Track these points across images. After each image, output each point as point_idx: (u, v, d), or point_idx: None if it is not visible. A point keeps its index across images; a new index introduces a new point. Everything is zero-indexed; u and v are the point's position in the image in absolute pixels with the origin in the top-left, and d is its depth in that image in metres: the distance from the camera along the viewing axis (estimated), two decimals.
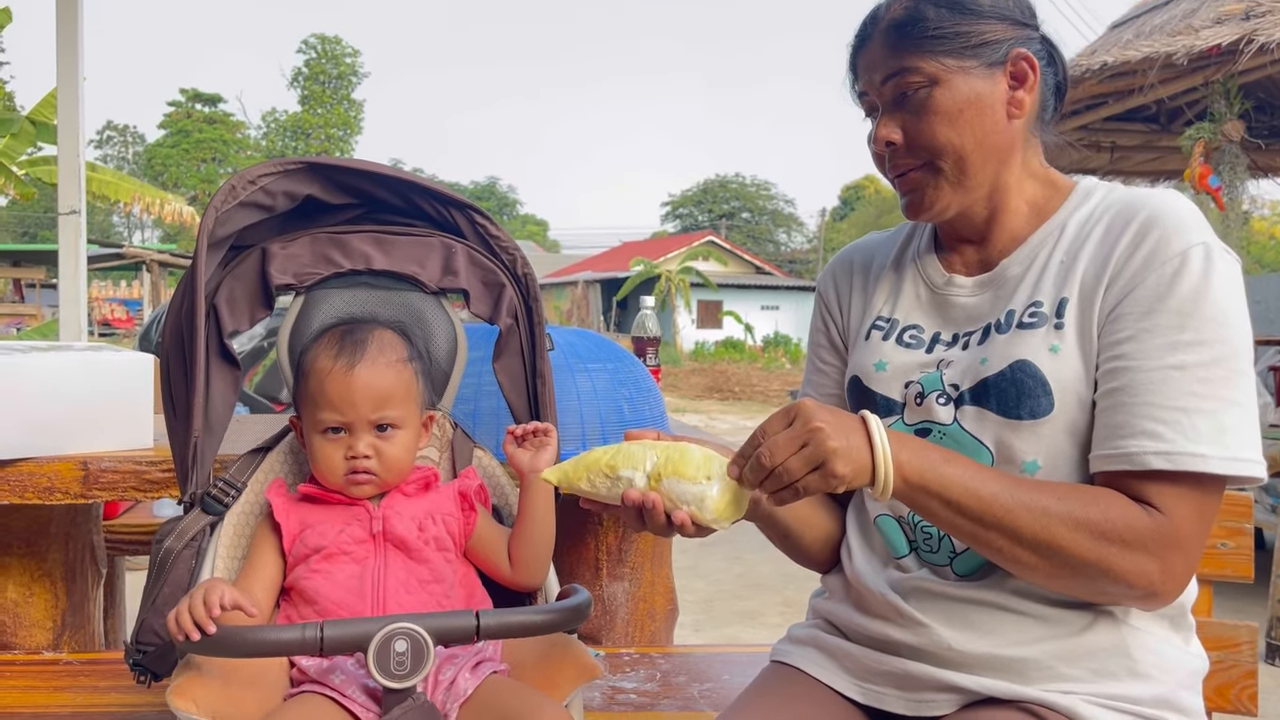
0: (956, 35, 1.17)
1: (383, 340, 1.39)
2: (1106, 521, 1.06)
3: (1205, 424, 1.06)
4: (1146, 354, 1.09)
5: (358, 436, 1.33)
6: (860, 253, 1.43)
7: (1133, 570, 1.06)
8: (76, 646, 2.21)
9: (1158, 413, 1.07)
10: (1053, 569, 1.08)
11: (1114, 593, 1.10)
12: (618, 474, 1.12)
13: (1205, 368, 1.07)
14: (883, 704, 1.22)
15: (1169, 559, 1.06)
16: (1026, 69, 1.20)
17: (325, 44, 54.61)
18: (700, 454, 1.12)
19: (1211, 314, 1.08)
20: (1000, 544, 1.08)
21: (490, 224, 1.57)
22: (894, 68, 1.20)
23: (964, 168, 1.19)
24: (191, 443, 1.36)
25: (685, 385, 20.03)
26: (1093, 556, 1.06)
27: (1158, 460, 1.06)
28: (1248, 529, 1.39)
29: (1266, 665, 4.01)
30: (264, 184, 1.41)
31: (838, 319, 1.41)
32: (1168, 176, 6.49)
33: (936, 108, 1.18)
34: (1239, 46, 3.86)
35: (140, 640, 1.30)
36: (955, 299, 1.26)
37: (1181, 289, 1.08)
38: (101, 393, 2.00)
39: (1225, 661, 1.38)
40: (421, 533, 1.35)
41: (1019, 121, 1.21)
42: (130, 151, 56.89)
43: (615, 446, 1.16)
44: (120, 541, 2.78)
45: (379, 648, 1.11)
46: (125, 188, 12.21)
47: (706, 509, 1.09)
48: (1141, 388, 1.08)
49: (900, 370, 1.26)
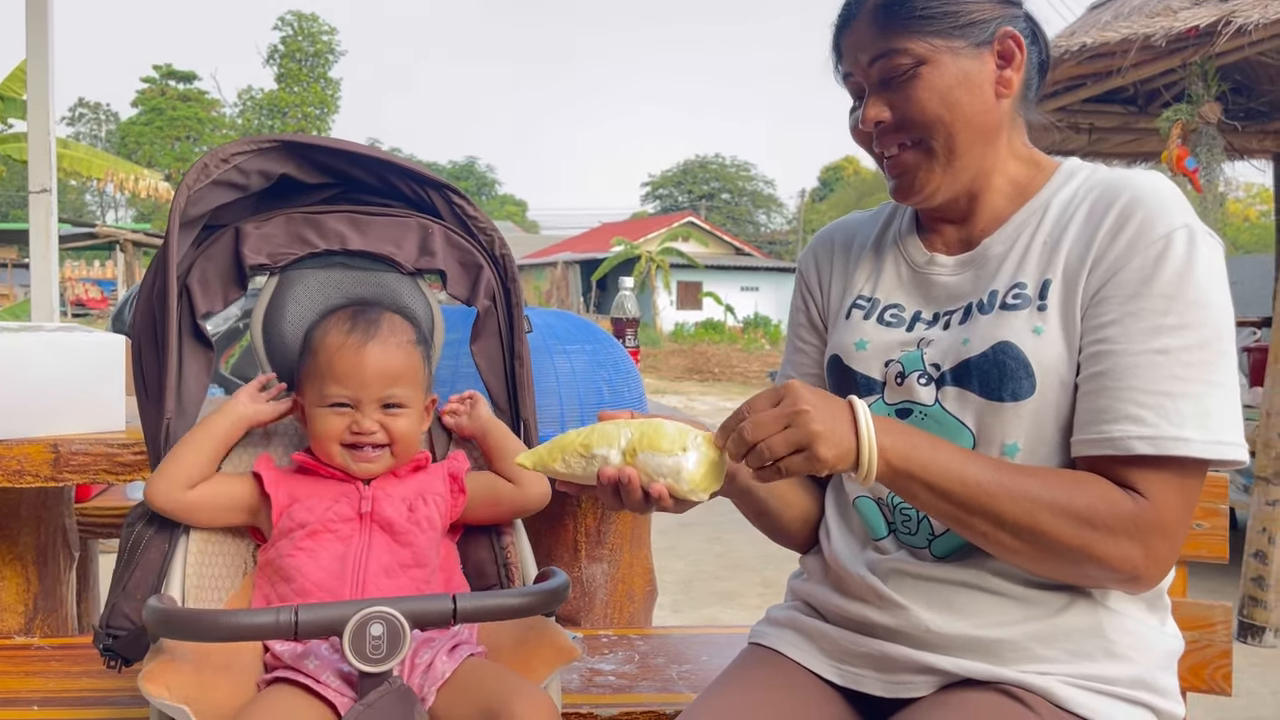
0: (944, 15, 1.17)
1: (394, 321, 1.39)
2: (1090, 507, 1.06)
3: (1189, 408, 1.06)
4: (1130, 338, 1.08)
5: (364, 413, 1.33)
6: (841, 232, 1.42)
7: (1116, 555, 1.06)
8: (49, 631, 2.19)
9: (1141, 397, 1.07)
10: (1036, 553, 1.08)
11: (1098, 576, 1.10)
12: (592, 452, 1.12)
13: (1189, 351, 1.07)
14: (860, 685, 1.22)
15: (1153, 543, 1.07)
16: (1013, 47, 1.19)
17: (302, 21, 54.01)
18: (674, 427, 1.11)
19: (1195, 298, 1.08)
20: (984, 529, 1.08)
21: (467, 204, 1.55)
22: (882, 48, 1.18)
23: (953, 147, 1.19)
24: (164, 424, 1.35)
25: (665, 366, 20.04)
26: (1076, 541, 1.06)
27: (1141, 445, 1.06)
28: (1223, 509, 1.40)
29: (1240, 644, 4.06)
30: (238, 162, 1.39)
31: (818, 298, 1.40)
32: (1146, 158, 6.51)
33: (926, 86, 1.17)
34: (1217, 28, 3.87)
35: (111, 625, 1.28)
36: (936, 278, 1.26)
37: (1165, 273, 1.08)
38: (72, 374, 1.97)
39: (1200, 641, 1.39)
40: (412, 513, 1.35)
41: (1006, 101, 1.20)
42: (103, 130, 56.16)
43: (589, 427, 1.15)
44: (93, 524, 2.75)
45: (354, 631, 1.10)
46: (98, 164, 12.03)
47: (683, 479, 1.09)
48: (1125, 372, 1.08)
49: (880, 349, 1.26)
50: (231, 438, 1.39)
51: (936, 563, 1.19)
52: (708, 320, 29.60)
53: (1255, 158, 6.39)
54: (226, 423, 1.38)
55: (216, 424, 1.37)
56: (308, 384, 1.37)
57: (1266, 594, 4.04)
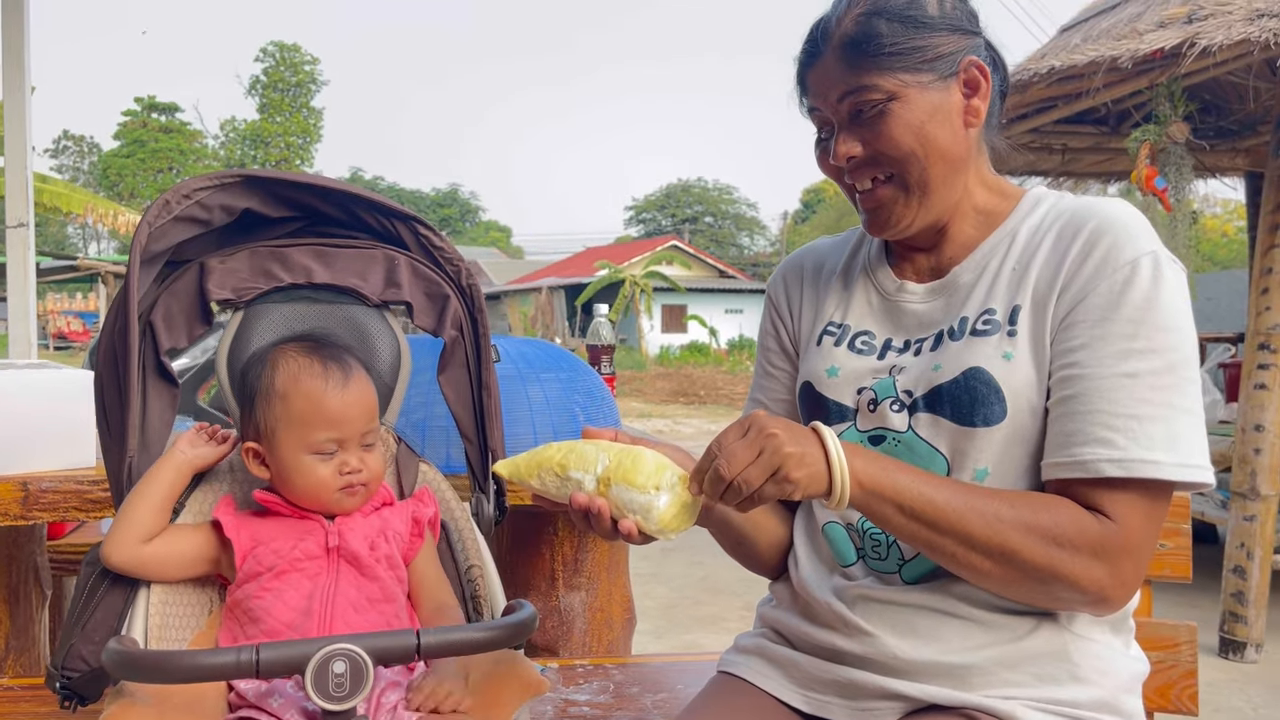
0: (912, 50, 1.17)
1: (350, 354, 1.38)
2: (1057, 527, 1.07)
3: (1158, 431, 1.07)
4: (1099, 362, 1.10)
5: (350, 451, 1.32)
6: (811, 257, 1.43)
7: (1084, 576, 1.07)
8: (20, 670, 2.17)
9: (1111, 420, 1.08)
10: (1005, 574, 1.09)
11: (1066, 598, 1.10)
12: (568, 474, 1.12)
13: (1156, 375, 1.08)
14: (827, 713, 1.22)
15: (1119, 565, 1.07)
16: (979, 76, 1.20)
17: (284, 51, 54.16)
18: (652, 463, 1.11)
19: (1161, 322, 1.09)
20: (954, 550, 1.09)
21: (434, 235, 1.55)
22: (851, 85, 1.19)
23: (927, 180, 1.19)
24: (126, 463, 1.33)
25: (650, 390, 20.03)
26: (1044, 561, 1.06)
27: (1110, 467, 1.07)
28: (1185, 530, 1.41)
29: (1221, 659, 4.07)
30: (199, 198, 1.39)
31: (788, 323, 1.41)
32: (1118, 177, 6.57)
33: (898, 122, 1.18)
34: (1182, 50, 3.93)
35: (67, 666, 1.26)
36: (907, 305, 1.27)
37: (1133, 297, 1.10)
38: (41, 411, 1.96)
39: (1166, 662, 1.39)
40: (373, 550, 1.34)
41: (974, 130, 1.22)
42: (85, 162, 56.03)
43: (570, 444, 1.15)
44: (66, 562, 2.72)
45: (317, 669, 1.09)
46: (78, 199, 12.03)
47: (652, 519, 1.09)
48: (1094, 395, 1.09)
49: (852, 376, 1.26)
50: (178, 485, 1.36)
51: (904, 588, 1.19)
52: (692, 343, 29.65)
53: (1227, 175, 6.46)
54: (169, 471, 1.35)
55: (160, 474, 1.34)
56: (281, 431, 1.31)
57: (1246, 609, 4.06)
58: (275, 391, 1.33)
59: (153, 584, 1.31)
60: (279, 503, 1.34)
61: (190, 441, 1.39)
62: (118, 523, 1.31)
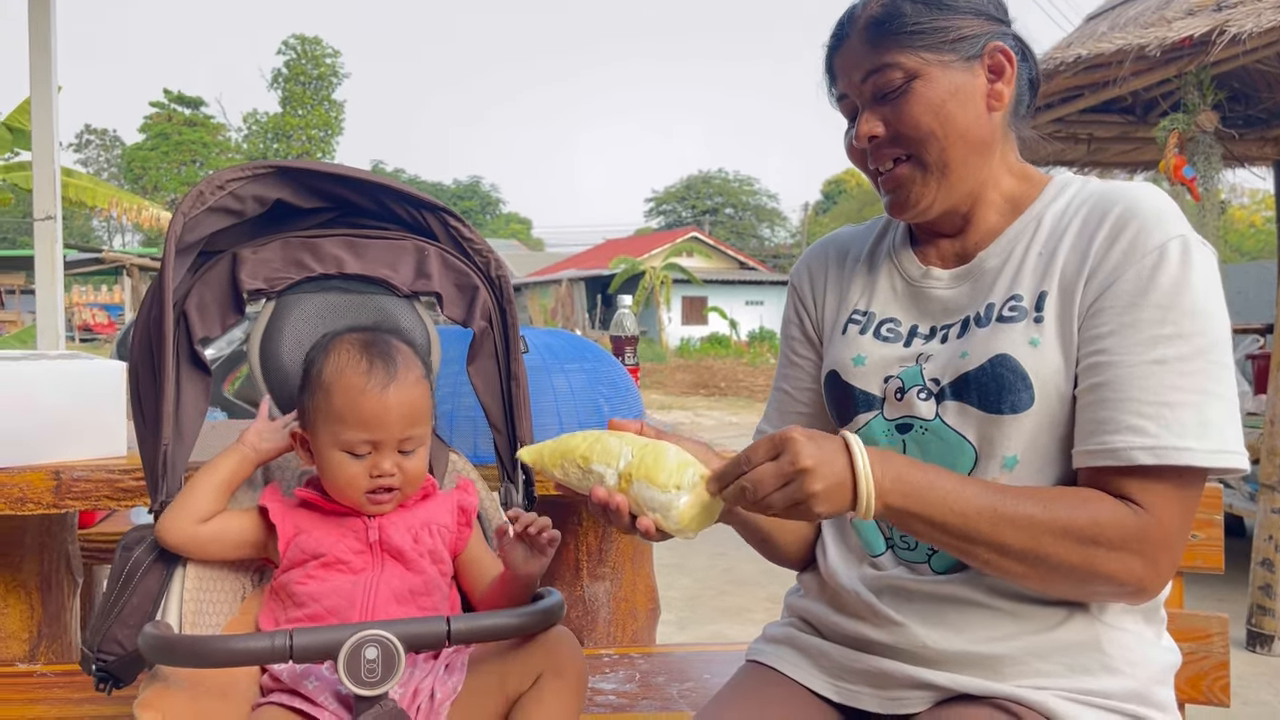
0: (935, 30, 1.18)
1: (406, 356, 1.35)
2: (1095, 525, 1.06)
3: (1189, 417, 1.06)
4: (1128, 349, 1.09)
5: (384, 455, 1.30)
6: (835, 246, 1.42)
7: (1121, 570, 1.06)
8: (53, 657, 2.19)
9: (1141, 408, 1.07)
10: (1041, 576, 1.09)
11: (1103, 593, 1.11)
12: (590, 466, 1.12)
13: (1186, 361, 1.07)
14: (857, 702, 1.22)
15: (1155, 555, 1.07)
16: (1004, 61, 1.20)
17: (305, 45, 54.35)
18: (675, 460, 1.10)
19: (1191, 307, 1.08)
20: (987, 556, 1.08)
21: (463, 226, 1.56)
22: (874, 64, 1.19)
23: (947, 160, 1.19)
24: (161, 451, 1.35)
25: (671, 382, 20.02)
26: (1080, 561, 1.06)
27: (1143, 455, 1.06)
28: (1218, 520, 1.40)
29: (1248, 652, 4.04)
30: (233, 189, 1.40)
31: (812, 312, 1.41)
32: (1145, 167, 6.51)
33: (919, 100, 1.18)
34: (1211, 38, 3.88)
35: (102, 649, 1.28)
36: (932, 291, 1.26)
37: (1161, 283, 1.09)
38: (73, 401, 1.98)
39: (1197, 653, 1.39)
40: (416, 544, 1.34)
41: (998, 114, 1.21)
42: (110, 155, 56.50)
43: (595, 434, 1.14)
44: (97, 550, 2.75)
45: (349, 655, 1.10)
46: (102, 193, 12.12)
47: (672, 519, 1.08)
48: (1124, 383, 1.08)
49: (879, 364, 1.26)
50: (240, 474, 1.38)
51: (934, 578, 1.19)
52: (713, 335, 29.59)
53: (1256, 164, 6.38)
54: (234, 461, 1.37)
55: (224, 462, 1.37)
56: (322, 423, 1.32)
57: (1274, 602, 4.02)
58: (321, 382, 1.33)
59: (188, 570, 1.33)
60: (318, 499, 1.35)
61: (259, 435, 1.40)
62: (176, 504, 1.33)
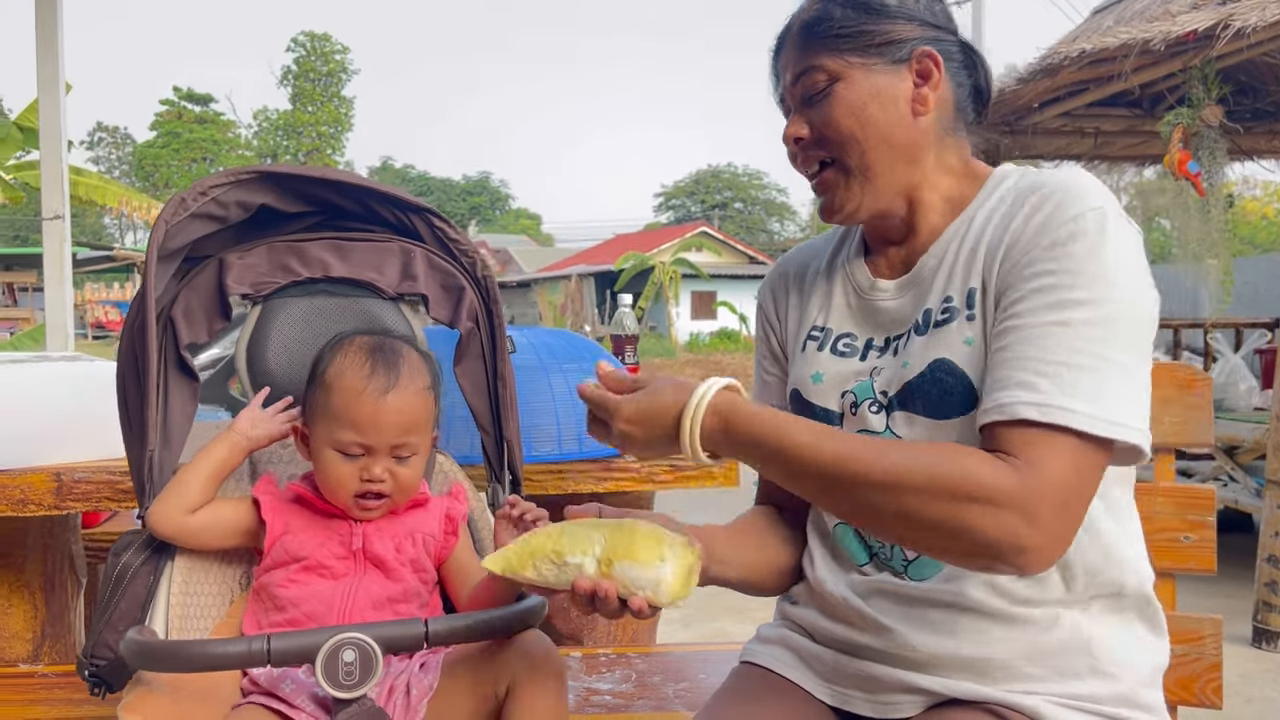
0: (861, 33, 1.18)
1: (413, 365, 1.35)
2: (965, 480, 0.99)
3: (1085, 380, 1.02)
4: (1033, 311, 1.06)
5: (376, 460, 1.30)
6: (795, 261, 1.41)
7: (993, 526, 0.99)
8: (57, 658, 2.21)
9: (1038, 365, 1.03)
10: (910, 531, 1.03)
11: (981, 553, 1.02)
12: (565, 560, 1.08)
13: (1091, 326, 1.03)
14: (849, 705, 1.22)
15: (1035, 514, 0.99)
16: (931, 66, 1.19)
17: (315, 41, 54.49)
18: (649, 533, 1.09)
19: (1103, 274, 1.04)
20: (850, 509, 1.06)
21: (449, 227, 1.56)
22: (803, 66, 1.21)
23: (868, 163, 1.19)
24: (147, 457, 1.36)
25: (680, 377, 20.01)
26: (947, 516, 1.00)
27: (1030, 410, 1.02)
28: (1210, 522, 1.39)
29: (1254, 649, 4.02)
30: (215, 195, 1.40)
31: (778, 330, 1.40)
32: (1152, 161, 6.47)
33: (839, 102, 1.18)
34: (1215, 31, 3.85)
35: (95, 655, 1.29)
36: (880, 303, 1.25)
37: (1074, 250, 1.06)
38: (75, 403, 2.00)
39: (1190, 655, 1.38)
40: (399, 553, 1.35)
41: (926, 119, 1.19)
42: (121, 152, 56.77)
43: (555, 528, 1.12)
44: (101, 550, 2.76)
45: (327, 658, 1.11)
46: (112, 192, 12.21)
47: (663, 592, 1.06)
48: (1024, 343, 1.05)
49: (836, 380, 1.25)
50: (231, 462, 1.39)
51: (917, 583, 1.18)
52: (722, 330, 29.57)
53: (1264, 158, 6.34)
54: (225, 449, 1.38)
55: (215, 451, 1.37)
56: (319, 420, 1.33)
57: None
58: (324, 380, 1.34)
59: (176, 575, 1.34)
60: (310, 495, 1.36)
61: (251, 422, 1.40)
62: (166, 493, 1.34)
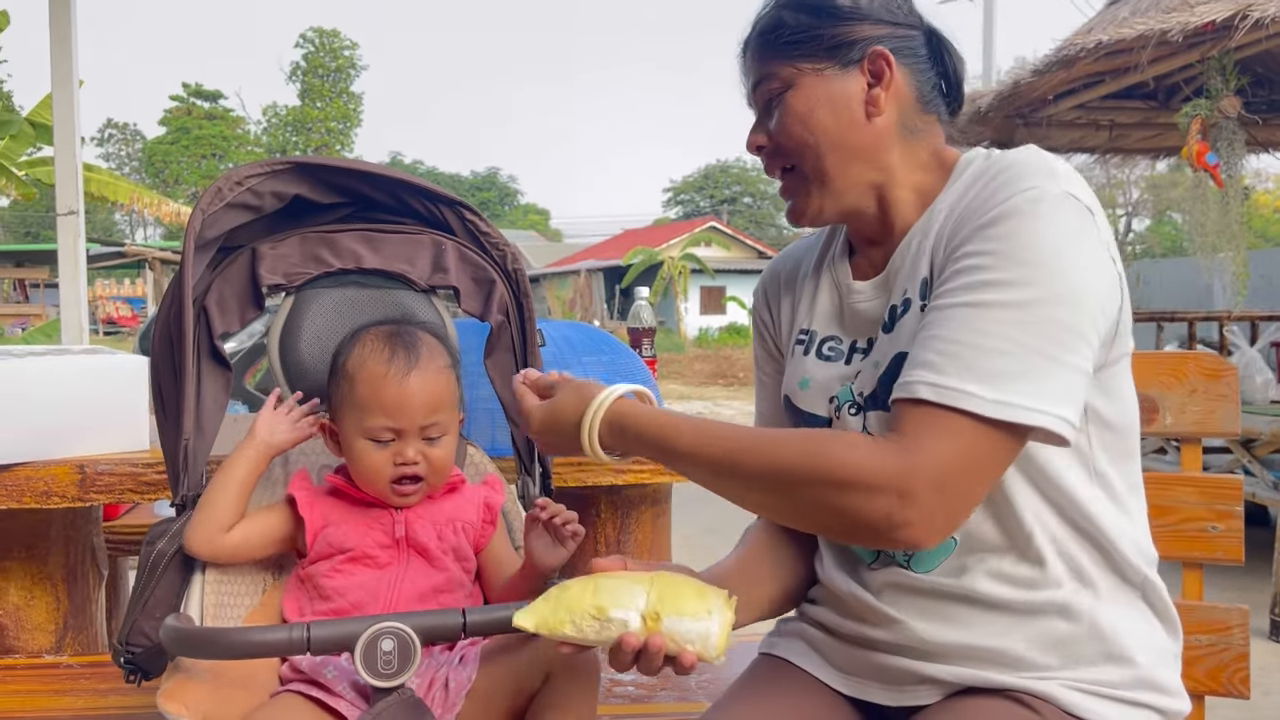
0: (812, 39, 1.17)
1: (431, 345, 1.36)
2: (835, 466, 1.00)
3: (990, 364, 0.99)
4: (951, 292, 1.04)
5: (407, 443, 1.31)
6: (787, 262, 1.41)
7: (868, 508, 0.99)
8: (79, 649, 2.22)
9: (943, 345, 1.02)
10: (794, 517, 1.08)
11: (862, 534, 1.03)
12: (608, 616, 1.04)
13: (1005, 309, 1.00)
14: (867, 695, 1.22)
15: (908, 490, 0.98)
16: (883, 66, 1.17)
17: (323, 37, 54.51)
18: (691, 585, 1.07)
19: (1027, 257, 1.01)
20: (741, 497, 1.09)
21: (480, 220, 1.57)
22: (759, 75, 1.21)
23: (823, 169, 1.18)
24: (182, 445, 1.37)
25: (690, 372, 20.01)
26: (822, 501, 1.01)
27: (925, 390, 1.01)
28: (1238, 511, 1.38)
29: (1271, 642, 4.01)
30: (251, 185, 1.41)
31: (772, 332, 1.40)
32: (1168, 153, 6.46)
33: (790, 111, 1.18)
34: (1234, 22, 3.83)
35: (130, 642, 1.30)
36: (859, 306, 1.24)
37: (1001, 230, 1.03)
38: (97, 395, 2.00)
39: (1217, 645, 1.38)
40: (440, 541, 1.36)
41: (881, 119, 1.18)
42: (131, 149, 56.89)
43: (590, 582, 1.08)
44: (121, 542, 2.78)
45: (365, 647, 1.11)
46: (123, 188, 12.26)
47: (711, 646, 1.04)
48: (937, 323, 1.04)
49: (823, 386, 1.24)
50: (256, 471, 1.37)
51: (925, 575, 1.18)
52: (731, 325, 29.54)
53: None
54: (248, 459, 1.36)
55: (238, 462, 1.35)
56: (346, 412, 1.34)
57: None
58: (345, 372, 1.34)
59: (209, 563, 1.35)
60: (347, 486, 1.36)
61: (268, 427, 1.39)
62: (199, 514, 1.33)
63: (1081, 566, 1.13)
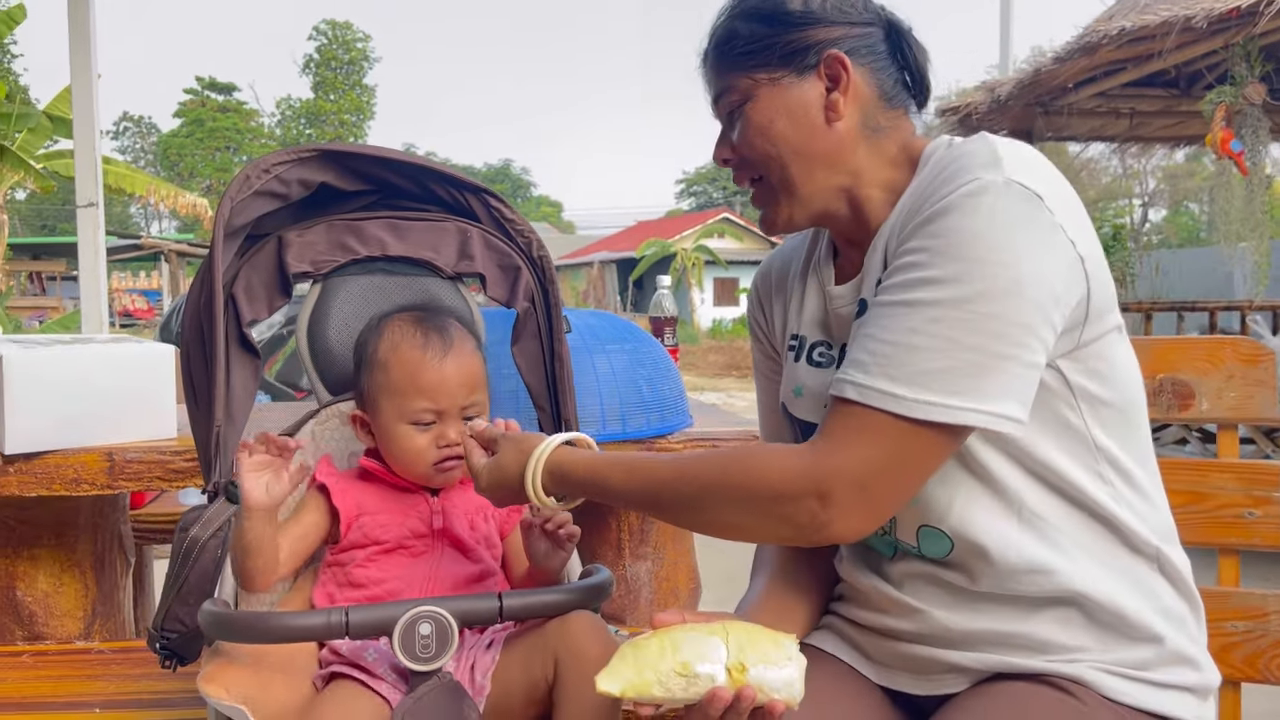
0: (765, 48, 1.15)
1: (459, 328, 1.39)
2: (755, 481, 1.02)
3: (917, 363, 0.99)
4: (888, 290, 1.04)
5: (449, 424, 1.33)
6: (778, 263, 1.40)
7: (791, 514, 1.01)
8: (107, 635, 2.24)
9: (873, 345, 1.02)
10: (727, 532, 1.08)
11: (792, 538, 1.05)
12: (694, 671, 1.01)
13: (939, 307, 0.99)
14: (897, 685, 1.22)
15: (826, 492, 0.99)
16: (839, 69, 1.15)
17: (336, 29, 54.61)
18: (766, 633, 1.06)
19: (967, 253, 0.99)
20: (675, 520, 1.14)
21: (505, 207, 1.56)
22: (719, 88, 1.20)
23: (789, 178, 1.17)
24: (214, 432, 1.37)
25: (703, 364, 19.99)
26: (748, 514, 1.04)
27: (850, 389, 1.01)
28: (1275, 498, 1.37)
29: None
30: (278, 172, 1.41)
31: (767, 332, 1.39)
32: (1189, 141, 6.41)
33: (750, 124, 1.17)
34: (1259, 8, 3.79)
35: (165, 627, 1.31)
36: (841, 311, 1.23)
37: (939, 226, 1.01)
38: (125, 384, 2.01)
39: (1254, 631, 1.37)
40: (473, 530, 1.37)
41: (843, 123, 1.16)
42: (146, 142, 57.15)
43: (664, 637, 1.04)
44: (147, 530, 2.80)
45: (404, 631, 1.12)
46: (140, 180, 12.34)
47: (795, 691, 1.02)
48: (871, 321, 1.04)
49: (816, 393, 1.23)
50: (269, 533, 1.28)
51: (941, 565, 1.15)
52: (744, 316, 29.49)
53: None
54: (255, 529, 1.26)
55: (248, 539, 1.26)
56: (384, 399, 1.34)
57: None
58: (377, 360, 1.35)
59: None
60: (383, 470, 1.37)
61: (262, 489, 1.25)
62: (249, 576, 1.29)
63: (1087, 544, 1.12)
